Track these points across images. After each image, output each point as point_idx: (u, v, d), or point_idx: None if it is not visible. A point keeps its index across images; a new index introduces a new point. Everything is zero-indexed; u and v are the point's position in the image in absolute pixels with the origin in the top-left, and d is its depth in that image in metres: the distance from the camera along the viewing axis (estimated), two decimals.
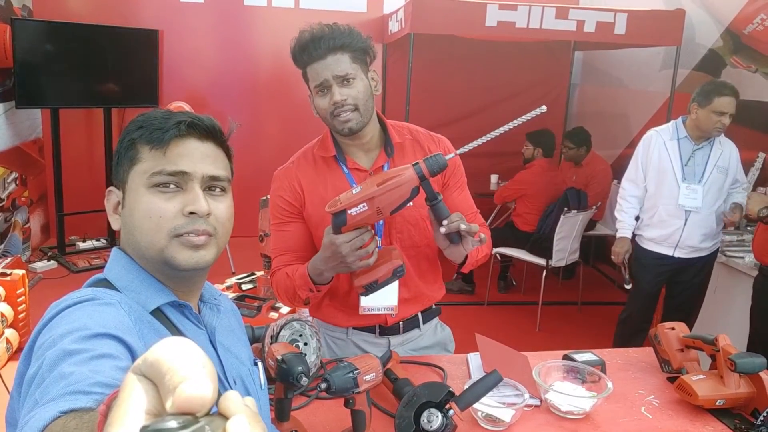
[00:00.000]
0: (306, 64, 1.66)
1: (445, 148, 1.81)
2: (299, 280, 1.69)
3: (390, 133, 1.76)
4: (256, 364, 1.17)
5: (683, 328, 1.82)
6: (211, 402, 0.39)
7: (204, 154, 0.98)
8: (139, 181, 0.96)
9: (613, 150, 5.68)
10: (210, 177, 0.98)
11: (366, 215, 1.44)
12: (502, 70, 6.28)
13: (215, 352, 1.06)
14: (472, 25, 4.29)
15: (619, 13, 4.35)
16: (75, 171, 5.64)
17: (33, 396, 0.70)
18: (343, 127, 1.65)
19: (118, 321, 0.86)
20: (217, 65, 6.04)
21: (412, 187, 1.42)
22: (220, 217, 1.00)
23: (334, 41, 1.61)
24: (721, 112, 3.04)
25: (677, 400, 1.67)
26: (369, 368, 1.34)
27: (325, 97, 1.65)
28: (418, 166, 1.41)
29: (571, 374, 1.67)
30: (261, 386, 1.16)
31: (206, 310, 1.10)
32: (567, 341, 4.31)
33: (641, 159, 3.32)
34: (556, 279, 5.30)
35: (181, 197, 0.96)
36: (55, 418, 0.62)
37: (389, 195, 1.42)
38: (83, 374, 0.70)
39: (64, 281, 4.96)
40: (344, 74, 1.62)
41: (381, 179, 1.43)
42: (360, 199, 1.42)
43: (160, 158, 0.95)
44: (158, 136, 0.95)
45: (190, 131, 0.97)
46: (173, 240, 0.95)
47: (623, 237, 3.41)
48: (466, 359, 1.85)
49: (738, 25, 4.22)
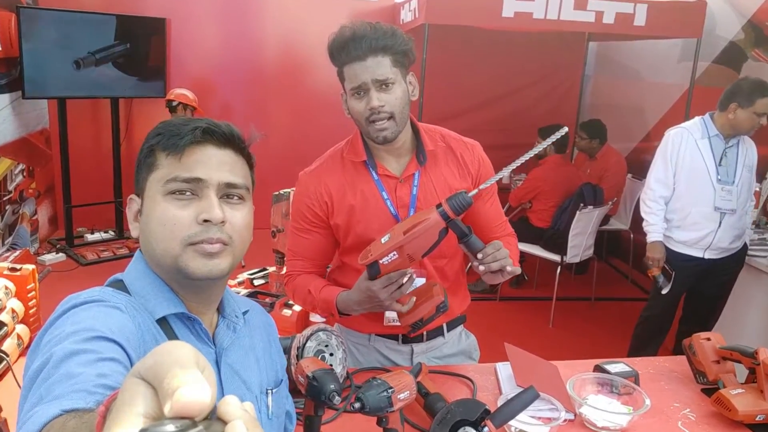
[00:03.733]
0: (344, 63, 1.58)
1: (479, 157, 1.76)
2: (322, 304, 1.71)
3: (423, 139, 1.70)
4: (266, 393, 1.12)
5: (719, 338, 1.76)
6: (209, 406, 0.39)
7: (221, 161, 0.96)
8: (156, 188, 0.95)
9: (628, 143, 5.60)
10: (226, 184, 0.96)
11: (398, 263, 1.47)
12: (515, 60, 6.18)
13: (218, 373, 1.02)
14: (489, 15, 4.21)
15: (639, 4, 4.25)
16: (82, 162, 5.59)
17: (38, 391, 0.70)
18: (377, 135, 1.60)
19: (121, 325, 0.86)
20: (225, 54, 5.96)
21: (440, 230, 1.43)
22: (236, 226, 0.97)
23: (376, 42, 1.53)
24: (763, 113, 2.95)
25: (714, 414, 1.61)
26: (403, 386, 1.29)
27: (361, 101, 1.58)
28: (442, 209, 1.41)
29: (606, 387, 1.62)
30: (269, 416, 1.11)
31: (223, 326, 1.06)
32: (581, 338, 4.28)
33: (671, 158, 3.14)
34: (568, 274, 5.24)
35: (196, 205, 0.94)
36: (56, 416, 0.62)
37: (417, 242, 1.44)
38: (90, 375, 0.70)
39: (73, 274, 4.93)
40: (384, 78, 1.55)
41: (407, 226, 1.45)
42: (389, 249, 1.46)
43: (175, 165, 0.94)
44: (174, 142, 0.93)
45: (207, 138, 0.95)
46: (187, 248, 0.93)
47: (657, 241, 3.23)
48: (495, 369, 1.79)
49: (761, 16, 4.13)
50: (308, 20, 5.87)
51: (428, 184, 1.70)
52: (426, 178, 1.70)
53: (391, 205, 1.69)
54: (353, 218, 1.69)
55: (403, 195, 1.69)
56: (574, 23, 4.28)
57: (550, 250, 4.53)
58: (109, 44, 5.22)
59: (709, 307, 3.37)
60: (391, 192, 1.69)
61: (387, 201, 1.69)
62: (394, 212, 1.69)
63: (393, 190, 1.69)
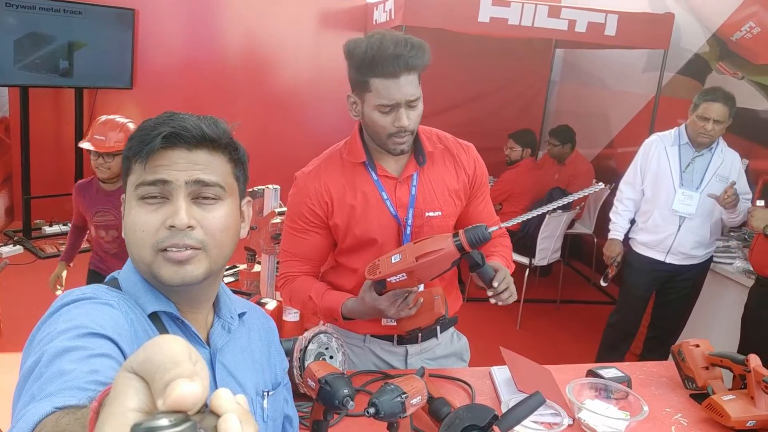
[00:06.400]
0: (374, 76, 1.54)
1: (474, 158, 1.79)
2: (325, 311, 1.71)
3: (422, 141, 1.71)
4: (263, 396, 1.11)
5: (708, 345, 1.81)
6: (201, 400, 0.39)
7: (191, 162, 0.92)
8: (131, 193, 0.94)
9: (592, 149, 5.72)
10: (195, 181, 0.92)
11: (405, 282, 1.51)
12: (482, 65, 6.23)
13: (212, 373, 1.00)
14: (465, 20, 4.24)
15: (609, 14, 4.35)
16: (43, 152, 5.42)
17: (30, 390, 0.70)
18: (396, 148, 1.62)
19: (114, 322, 0.85)
20: (192, 47, 5.84)
21: (453, 260, 1.47)
22: (210, 228, 0.93)
23: (411, 60, 1.52)
24: (705, 117, 3.03)
25: (705, 419, 1.66)
26: (416, 391, 1.28)
27: (387, 116, 1.57)
28: (458, 241, 1.44)
29: (602, 392, 1.65)
30: (264, 418, 1.10)
31: (218, 326, 1.04)
32: (548, 340, 4.34)
33: (640, 163, 3.30)
34: (533, 277, 5.31)
35: (165, 209, 0.92)
36: (49, 414, 0.62)
37: (428, 269, 1.49)
38: (82, 371, 0.70)
39: (31, 267, 4.75)
40: (414, 98, 1.56)
41: (420, 252, 1.47)
42: (399, 270, 1.49)
43: (142, 170, 0.92)
44: (140, 148, 0.91)
45: (174, 141, 0.91)
46: (158, 255, 0.91)
47: (615, 239, 3.40)
48: (490, 373, 1.80)
49: (725, 31, 4.26)
50: (275, 16, 5.82)
51: (427, 185, 1.72)
52: (424, 179, 1.72)
53: (390, 206, 1.69)
54: (353, 219, 1.69)
55: (402, 195, 1.70)
56: (547, 30, 4.36)
57: (519, 253, 4.58)
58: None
59: (676, 313, 3.46)
60: (390, 192, 1.70)
61: (387, 201, 1.69)
62: (394, 212, 1.70)
63: (392, 191, 1.70)
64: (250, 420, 0.41)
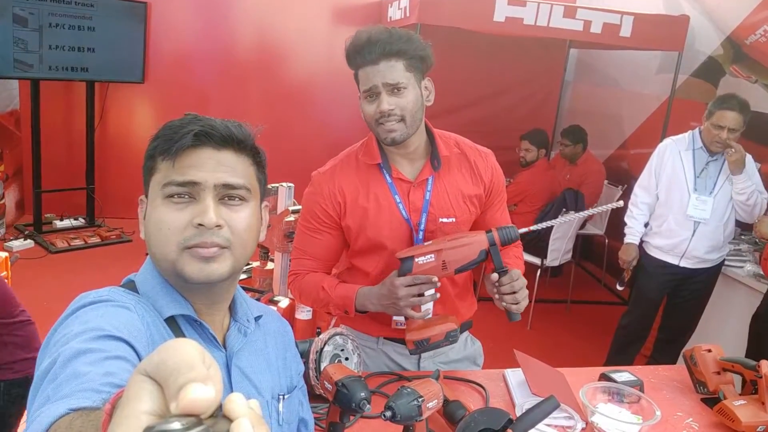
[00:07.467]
0: (358, 67, 1.61)
1: (492, 165, 1.79)
2: (339, 300, 1.71)
3: (438, 145, 1.71)
4: (278, 399, 1.12)
5: (719, 350, 1.82)
6: (214, 404, 0.39)
7: (219, 162, 0.95)
8: (156, 192, 0.95)
9: (605, 150, 5.70)
10: (224, 185, 0.94)
11: (431, 266, 1.55)
12: (496, 63, 6.20)
13: (228, 376, 1.02)
14: (481, 19, 4.23)
15: (625, 15, 4.33)
16: (54, 146, 5.44)
17: (45, 391, 0.70)
18: (386, 136, 1.61)
19: (130, 325, 0.86)
20: (206, 41, 5.84)
21: (481, 249, 1.54)
22: (235, 229, 0.96)
23: (390, 46, 1.55)
24: (719, 126, 3.02)
25: (716, 424, 1.67)
26: (432, 395, 1.30)
27: (372, 104, 1.60)
28: (491, 234, 1.55)
29: (615, 396, 1.65)
30: (279, 422, 1.11)
31: (234, 329, 1.05)
32: (558, 341, 4.34)
33: (655, 167, 3.30)
34: (544, 277, 5.32)
35: (192, 208, 0.93)
36: (63, 415, 0.62)
37: (457, 251, 1.55)
38: (97, 374, 0.71)
39: (42, 261, 4.77)
40: (395, 83, 1.57)
41: (452, 236, 1.56)
42: (429, 250, 1.55)
43: (171, 169, 0.93)
44: (168, 146, 0.93)
45: (203, 140, 0.93)
46: (184, 252, 0.93)
47: (631, 243, 3.39)
48: (503, 376, 1.81)
49: (740, 34, 4.24)
50: (288, 11, 5.83)
51: (441, 190, 1.71)
52: (439, 183, 1.71)
53: (403, 209, 1.69)
54: (365, 221, 1.69)
55: (416, 199, 1.70)
56: (562, 31, 4.34)
57: (531, 253, 4.59)
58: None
59: (687, 316, 3.46)
60: (404, 196, 1.70)
61: (399, 204, 1.69)
62: (406, 216, 1.69)
63: (406, 194, 1.70)
64: (262, 425, 0.41)
